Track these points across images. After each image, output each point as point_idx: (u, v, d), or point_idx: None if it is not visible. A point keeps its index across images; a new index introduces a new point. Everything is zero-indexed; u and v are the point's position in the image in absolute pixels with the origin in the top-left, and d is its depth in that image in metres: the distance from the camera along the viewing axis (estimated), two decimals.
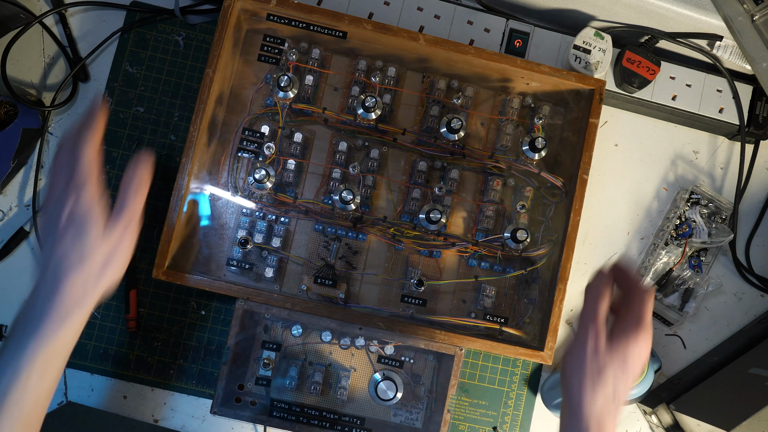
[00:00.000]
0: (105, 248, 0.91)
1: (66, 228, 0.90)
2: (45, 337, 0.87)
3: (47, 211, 0.92)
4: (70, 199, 0.90)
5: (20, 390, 0.84)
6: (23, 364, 0.85)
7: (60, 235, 0.90)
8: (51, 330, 0.87)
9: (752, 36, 1.19)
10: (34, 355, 0.86)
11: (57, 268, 0.89)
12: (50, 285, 0.88)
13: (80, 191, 0.90)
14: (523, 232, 1.17)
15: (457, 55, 1.21)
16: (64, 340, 0.89)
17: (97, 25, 1.35)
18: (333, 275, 1.21)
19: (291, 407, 1.19)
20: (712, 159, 1.39)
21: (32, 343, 0.86)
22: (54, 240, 0.90)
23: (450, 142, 1.21)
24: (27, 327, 0.87)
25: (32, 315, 0.88)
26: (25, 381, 0.85)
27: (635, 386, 1.20)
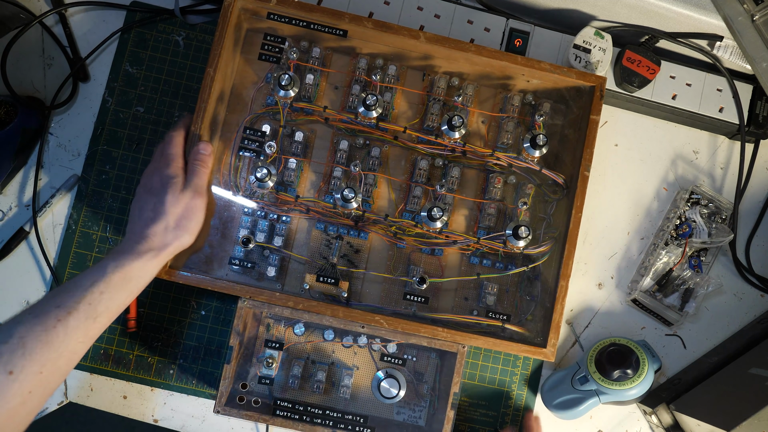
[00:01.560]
0: (178, 209, 1.11)
1: (153, 191, 1.11)
2: (124, 262, 1.03)
3: (147, 177, 1.15)
4: (158, 171, 1.13)
5: (98, 292, 0.99)
6: (106, 272, 1.01)
7: (148, 195, 1.12)
8: (129, 259, 1.04)
9: (752, 36, 1.20)
10: (113, 271, 1.01)
11: (140, 219, 1.10)
12: (133, 229, 1.10)
13: (169, 165, 1.14)
14: (525, 229, 1.17)
15: (458, 53, 1.21)
16: (139, 271, 1.05)
17: (97, 25, 1.35)
18: (335, 274, 1.21)
19: (294, 406, 1.19)
20: (712, 159, 1.39)
21: (113, 263, 1.02)
22: (144, 199, 1.12)
23: (451, 140, 1.21)
24: (111, 253, 1.05)
25: (118, 248, 1.07)
26: (104, 286, 1.00)
27: (635, 386, 1.20)
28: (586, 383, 1.22)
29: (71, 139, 1.33)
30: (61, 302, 0.95)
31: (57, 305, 0.95)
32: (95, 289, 0.98)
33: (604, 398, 1.23)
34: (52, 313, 0.94)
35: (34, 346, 0.91)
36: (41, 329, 0.92)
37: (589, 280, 1.35)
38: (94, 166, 1.31)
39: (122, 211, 1.31)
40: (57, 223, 1.30)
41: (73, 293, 0.97)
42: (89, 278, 0.99)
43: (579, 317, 1.34)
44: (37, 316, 0.93)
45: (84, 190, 1.31)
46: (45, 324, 0.92)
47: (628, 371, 1.20)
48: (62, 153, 1.32)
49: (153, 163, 1.16)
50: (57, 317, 0.94)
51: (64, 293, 0.97)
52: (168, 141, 1.16)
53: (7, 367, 0.88)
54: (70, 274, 1.29)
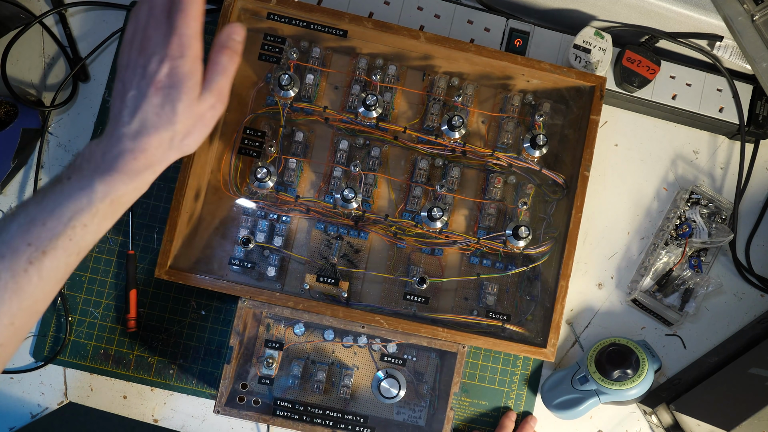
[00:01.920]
0: (192, 118, 0.89)
1: (160, 89, 0.86)
2: (116, 186, 0.85)
3: (132, 60, 0.88)
4: (168, 59, 0.85)
5: (81, 225, 0.83)
6: (93, 201, 0.83)
7: (151, 93, 0.85)
8: (122, 181, 0.85)
9: (752, 36, 1.20)
10: (101, 199, 0.84)
11: (141, 126, 0.85)
12: (131, 139, 0.85)
13: (183, 55, 0.86)
14: (525, 229, 1.17)
15: (458, 53, 1.21)
16: (132, 193, 0.88)
17: (97, 25, 1.35)
18: (335, 274, 1.21)
19: (294, 406, 1.19)
20: (712, 159, 1.39)
21: (101, 186, 0.84)
22: (142, 97, 0.86)
23: (451, 140, 1.21)
24: (98, 170, 0.84)
25: (106, 161, 0.85)
26: (89, 218, 0.84)
27: (635, 386, 1.20)
28: (586, 383, 1.22)
29: (71, 139, 1.33)
30: (33, 239, 0.81)
31: (28, 242, 0.80)
32: (77, 221, 0.83)
33: (604, 398, 1.23)
34: (22, 254, 0.80)
35: (2, 294, 0.79)
36: (9, 276, 0.79)
37: (589, 280, 1.35)
38: None
39: None
40: None
41: (50, 227, 0.82)
42: (70, 206, 0.83)
43: (579, 317, 1.34)
44: (3, 257, 0.79)
45: None
46: (14, 269, 0.79)
47: (628, 371, 1.20)
48: (62, 153, 1.32)
49: (153, 31, 0.88)
50: (29, 259, 0.80)
51: (37, 225, 0.81)
52: (184, 7, 0.87)
53: None
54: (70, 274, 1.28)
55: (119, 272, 1.30)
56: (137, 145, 0.85)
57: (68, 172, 0.85)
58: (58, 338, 1.28)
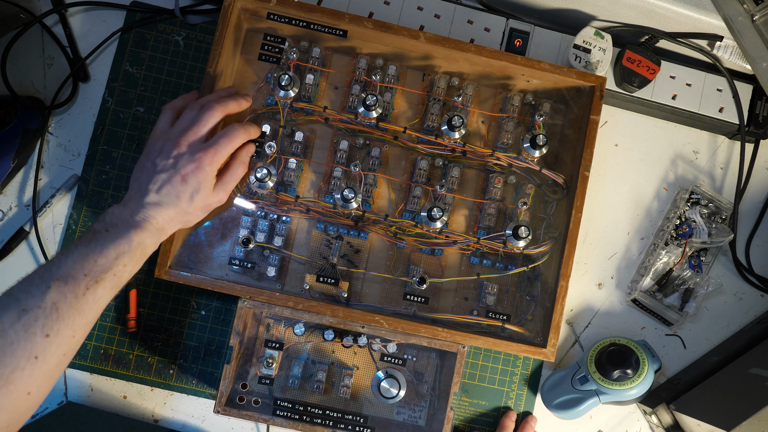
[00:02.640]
0: (201, 208, 1.11)
1: (186, 183, 1.08)
2: (146, 239, 1.05)
3: (166, 150, 1.10)
4: (199, 165, 1.08)
5: (122, 264, 1.01)
6: (131, 247, 1.02)
7: (177, 182, 1.07)
8: (149, 236, 1.05)
9: (752, 36, 1.20)
10: (136, 247, 1.03)
11: (161, 201, 1.07)
12: (153, 208, 1.07)
13: (212, 164, 1.10)
14: (525, 229, 1.17)
15: (458, 53, 1.21)
16: (153, 245, 1.07)
17: (97, 25, 1.35)
18: (335, 274, 1.21)
19: (294, 406, 1.19)
20: (712, 159, 1.39)
21: (136, 237, 1.03)
22: (169, 182, 1.07)
23: (451, 140, 1.21)
24: (131, 225, 1.04)
25: (136, 221, 1.05)
26: (128, 259, 1.02)
27: (635, 386, 1.20)
28: (586, 383, 1.22)
29: (71, 139, 1.33)
30: (89, 271, 0.97)
31: (85, 274, 0.97)
32: (120, 261, 1.00)
33: (604, 398, 1.23)
34: (81, 281, 0.96)
35: (68, 312, 0.94)
36: (72, 297, 0.94)
37: (589, 280, 1.35)
38: (94, 166, 1.31)
39: None
40: (57, 223, 1.30)
41: (101, 263, 0.98)
42: (115, 249, 1.00)
43: (579, 317, 1.34)
44: (67, 284, 0.95)
45: (84, 190, 1.31)
46: (76, 292, 0.95)
47: (628, 371, 1.20)
48: (62, 153, 1.32)
49: (193, 136, 1.11)
50: (86, 285, 0.96)
51: (90, 262, 0.98)
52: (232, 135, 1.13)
53: (45, 330, 0.91)
54: None
55: None
56: (158, 212, 1.07)
57: (103, 225, 1.04)
58: None
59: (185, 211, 1.09)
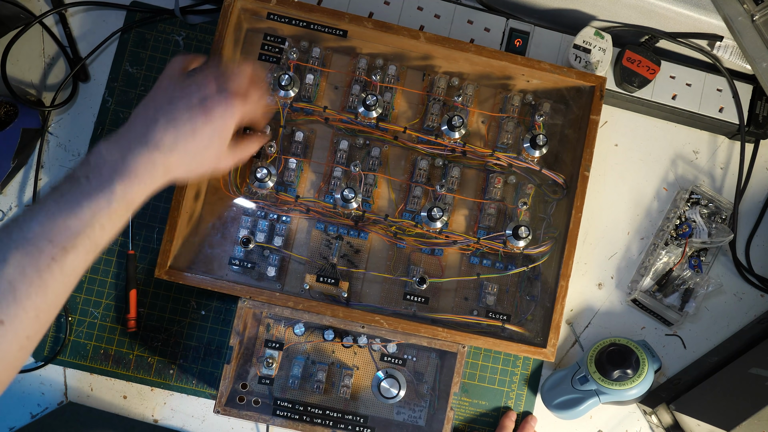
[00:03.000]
0: (212, 159, 1.00)
1: (209, 121, 0.95)
2: (135, 190, 0.90)
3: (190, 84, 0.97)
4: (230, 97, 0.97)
5: (99, 226, 0.86)
6: (111, 202, 0.87)
7: (200, 120, 0.95)
8: (139, 186, 0.90)
9: (752, 36, 1.20)
10: (119, 200, 0.87)
11: (175, 142, 0.93)
12: (160, 150, 0.92)
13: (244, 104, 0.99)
14: (525, 229, 1.17)
15: (458, 53, 1.21)
16: (141, 199, 0.92)
17: (97, 25, 1.35)
18: (335, 274, 1.21)
19: (294, 406, 1.19)
20: (712, 159, 1.39)
21: (121, 188, 0.88)
22: (189, 118, 0.94)
23: (451, 140, 1.21)
24: (117, 172, 0.88)
25: (127, 164, 0.89)
26: (107, 219, 0.87)
27: (635, 386, 1.20)
28: (586, 383, 1.22)
29: (71, 139, 1.33)
30: (55, 236, 0.82)
31: (50, 240, 0.82)
32: (96, 221, 0.85)
33: (604, 398, 1.23)
34: (45, 251, 0.82)
35: (27, 291, 0.81)
36: (34, 271, 0.81)
37: (589, 280, 1.35)
38: None
39: None
40: None
41: (71, 225, 0.84)
42: (90, 206, 0.85)
43: (579, 317, 1.34)
44: (28, 254, 0.81)
45: None
46: (38, 265, 0.81)
47: (628, 371, 1.20)
48: (62, 153, 1.32)
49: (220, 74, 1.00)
50: (52, 256, 0.82)
51: (59, 225, 0.83)
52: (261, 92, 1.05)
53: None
54: None
55: (119, 272, 1.30)
56: (162, 153, 0.91)
57: (84, 170, 0.88)
58: (58, 338, 1.28)
59: (197, 152, 0.95)
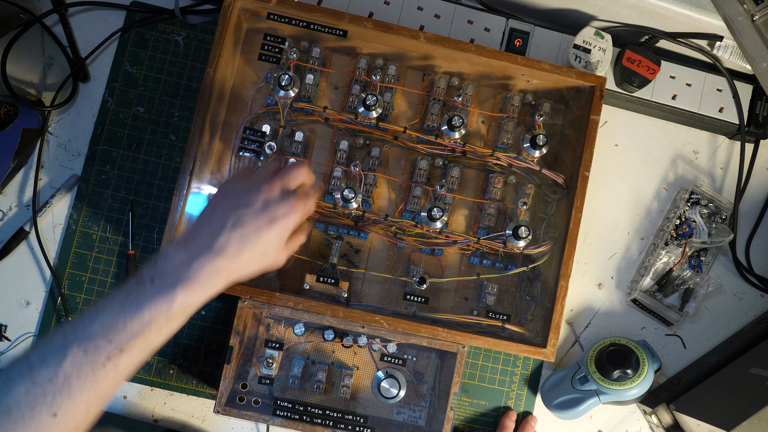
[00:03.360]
0: (272, 262, 1.01)
1: (274, 225, 0.97)
2: (194, 295, 0.91)
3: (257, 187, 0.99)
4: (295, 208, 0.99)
5: (157, 328, 0.88)
6: (171, 308, 0.89)
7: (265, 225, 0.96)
8: (200, 291, 0.92)
9: (752, 36, 1.20)
10: (179, 306, 0.89)
11: (241, 248, 0.94)
12: (225, 256, 0.93)
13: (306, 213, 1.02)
14: (525, 229, 1.17)
15: (458, 53, 1.21)
16: (200, 302, 0.93)
17: (97, 25, 1.35)
18: (335, 274, 1.21)
19: (294, 406, 1.19)
20: (712, 159, 1.39)
21: (182, 294, 0.89)
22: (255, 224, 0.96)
23: (451, 140, 1.21)
24: (181, 279, 0.90)
25: (192, 270, 0.91)
26: (164, 322, 0.89)
27: (635, 386, 1.20)
28: (586, 383, 1.22)
29: (71, 139, 1.33)
30: (115, 337, 0.85)
31: (109, 340, 0.85)
32: (155, 324, 0.88)
33: (604, 398, 1.23)
34: (103, 350, 0.84)
35: (81, 387, 0.83)
36: (89, 369, 0.83)
37: (589, 280, 1.35)
38: (94, 166, 1.31)
39: (122, 211, 1.31)
40: (57, 223, 1.30)
41: (130, 328, 0.86)
42: (150, 310, 0.87)
43: (579, 317, 1.34)
44: (87, 353, 0.83)
45: (84, 190, 1.31)
46: (94, 363, 0.84)
47: (628, 371, 1.20)
48: (62, 153, 1.32)
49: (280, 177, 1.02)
50: (108, 355, 0.85)
51: (118, 326, 0.86)
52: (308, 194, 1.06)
53: (52, 409, 0.81)
54: (71, 275, 1.29)
55: (119, 272, 1.30)
56: (226, 260, 0.93)
57: (150, 273, 0.91)
58: None
59: (259, 256, 0.98)
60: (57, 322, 1.28)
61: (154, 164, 1.32)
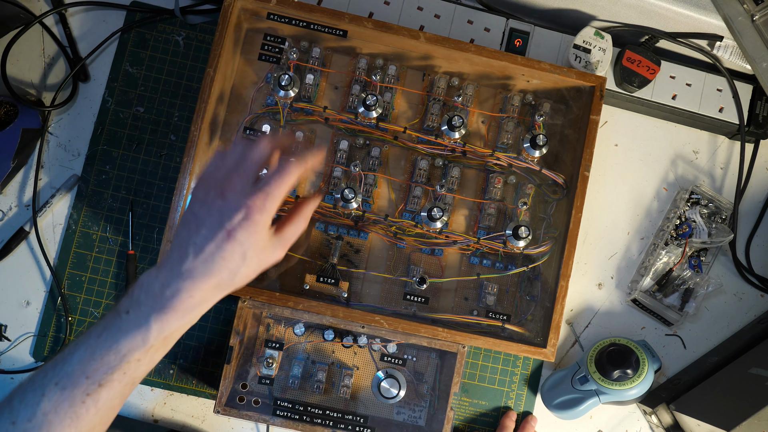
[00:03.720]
0: (255, 265, 0.92)
1: (234, 239, 0.87)
2: (171, 323, 0.86)
3: (209, 199, 0.90)
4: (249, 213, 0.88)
5: (136, 360, 0.85)
6: (148, 339, 0.85)
7: (223, 240, 0.87)
8: (176, 319, 0.87)
9: (752, 36, 1.20)
10: (156, 336, 0.85)
11: (206, 268, 0.87)
12: (191, 278, 0.87)
13: (264, 210, 0.89)
14: (525, 229, 1.17)
15: (458, 53, 1.21)
16: (181, 329, 0.89)
17: (97, 25, 1.35)
18: (335, 274, 1.21)
19: (294, 406, 1.19)
20: (712, 159, 1.39)
21: (157, 324, 0.85)
22: (212, 240, 0.87)
23: (451, 140, 1.21)
24: (155, 307, 0.86)
25: (164, 297, 0.86)
26: (143, 354, 0.85)
27: (635, 386, 1.20)
28: (586, 383, 1.22)
29: (71, 139, 1.33)
30: (91, 372, 0.83)
31: (87, 375, 0.83)
32: (132, 357, 0.85)
33: (604, 398, 1.23)
34: (80, 387, 0.83)
35: (60, 422, 0.82)
36: (68, 406, 0.82)
37: (589, 280, 1.35)
38: (94, 166, 1.31)
39: (122, 211, 1.31)
40: (57, 223, 1.30)
41: (107, 361, 0.84)
42: (126, 343, 0.84)
43: (579, 317, 1.34)
44: (64, 390, 0.82)
45: (84, 190, 1.31)
46: (72, 400, 0.82)
47: (628, 371, 1.20)
48: (62, 153, 1.32)
49: (239, 179, 0.90)
50: (86, 391, 0.83)
51: (96, 360, 0.84)
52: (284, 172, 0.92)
53: None
54: (71, 275, 1.29)
55: (119, 272, 1.30)
56: (196, 284, 0.87)
57: (126, 304, 0.87)
58: (58, 338, 1.28)
59: (233, 275, 0.89)
60: (57, 322, 1.28)
61: (154, 164, 1.32)
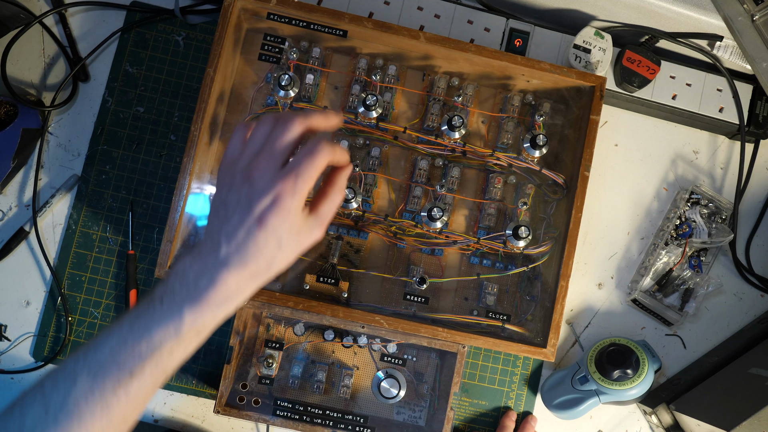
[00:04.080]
0: (291, 250, 0.87)
1: (266, 226, 0.82)
2: (205, 317, 0.83)
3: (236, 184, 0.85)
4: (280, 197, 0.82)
5: (168, 351, 0.82)
6: (180, 330, 0.82)
7: (255, 228, 0.82)
8: (209, 312, 0.83)
9: (752, 36, 1.20)
10: (188, 328, 0.82)
11: (240, 258, 0.83)
12: (226, 268, 0.83)
13: (296, 194, 0.83)
14: (525, 229, 1.17)
15: (458, 53, 1.21)
16: (214, 322, 0.85)
17: (97, 25, 1.35)
18: (335, 274, 1.21)
19: (294, 406, 1.19)
20: (712, 159, 1.39)
21: (190, 316, 0.82)
22: (244, 228, 0.83)
23: (451, 140, 1.21)
24: (188, 298, 0.82)
25: (198, 288, 0.83)
26: (175, 344, 0.82)
27: (635, 386, 1.20)
28: (586, 383, 1.22)
29: (71, 139, 1.33)
30: (122, 362, 0.80)
31: (119, 365, 0.80)
32: (165, 348, 0.81)
33: (604, 398, 1.23)
34: (112, 375, 0.80)
35: (93, 412, 0.79)
36: (99, 395, 0.79)
37: (589, 280, 1.35)
38: (94, 166, 1.31)
39: (122, 211, 1.31)
40: (57, 223, 1.30)
41: (138, 352, 0.81)
42: (159, 333, 0.81)
43: (579, 317, 1.34)
44: (95, 378, 0.79)
45: (84, 190, 1.31)
46: (102, 389, 0.79)
47: (628, 371, 1.20)
48: (62, 153, 1.32)
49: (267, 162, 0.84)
50: (118, 379, 0.80)
51: (127, 349, 0.81)
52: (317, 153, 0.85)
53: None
54: (71, 275, 1.29)
55: (119, 272, 1.30)
56: (231, 274, 0.83)
57: (161, 291, 0.84)
58: (58, 338, 1.28)
59: (269, 264, 0.85)
60: (57, 322, 1.28)
61: (154, 164, 1.32)
